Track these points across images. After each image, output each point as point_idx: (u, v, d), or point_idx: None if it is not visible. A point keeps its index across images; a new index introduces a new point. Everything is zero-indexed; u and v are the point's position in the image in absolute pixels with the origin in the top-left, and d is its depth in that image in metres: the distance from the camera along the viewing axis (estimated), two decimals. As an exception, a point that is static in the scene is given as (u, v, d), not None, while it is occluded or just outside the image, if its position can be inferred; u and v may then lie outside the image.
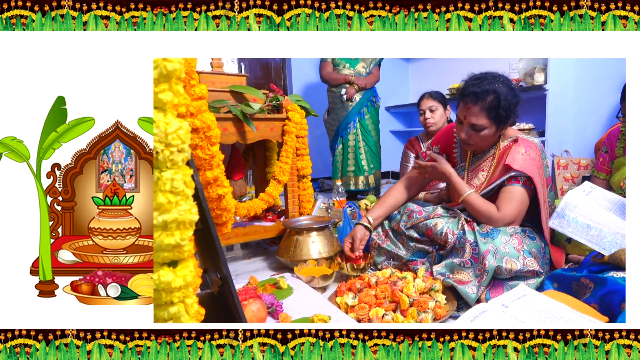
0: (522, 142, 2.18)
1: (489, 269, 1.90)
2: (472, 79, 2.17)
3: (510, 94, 2.09)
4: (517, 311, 1.63)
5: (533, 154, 2.14)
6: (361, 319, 1.77)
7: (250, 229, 2.64)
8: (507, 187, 2.13)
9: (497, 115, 2.09)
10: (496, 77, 2.14)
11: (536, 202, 2.15)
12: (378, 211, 2.44)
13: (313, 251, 2.40)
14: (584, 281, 1.78)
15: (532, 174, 2.08)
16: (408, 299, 1.81)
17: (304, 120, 2.75)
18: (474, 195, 2.16)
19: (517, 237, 2.02)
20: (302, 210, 2.86)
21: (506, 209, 2.09)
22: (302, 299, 1.99)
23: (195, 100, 1.96)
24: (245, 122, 2.43)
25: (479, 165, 2.31)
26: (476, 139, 2.17)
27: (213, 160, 2.05)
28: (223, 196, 2.12)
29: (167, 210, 0.97)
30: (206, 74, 2.54)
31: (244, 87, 2.59)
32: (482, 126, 2.12)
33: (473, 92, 2.10)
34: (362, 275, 2.11)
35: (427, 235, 2.18)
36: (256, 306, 1.69)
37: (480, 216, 2.12)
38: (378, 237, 2.39)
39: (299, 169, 2.80)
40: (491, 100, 2.07)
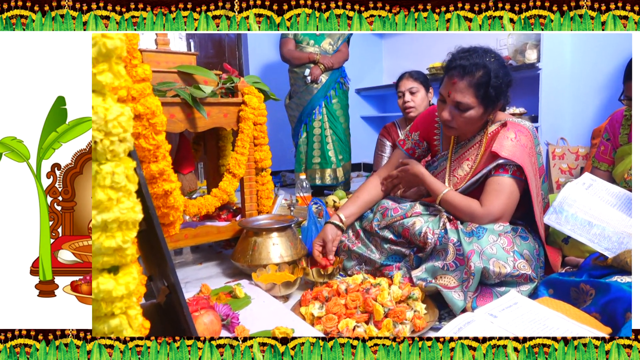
0: (511, 127, 2.17)
1: (474, 271, 1.88)
2: (460, 52, 2.16)
3: (502, 72, 2.09)
4: (507, 322, 1.61)
5: (524, 139, 2.13)
6: (329, 332, 1.75)
7: (201, 230, 2.63)
8: (493, 178, 2.13)
9: (485, 93, 2.08)
10: (487, 51, 2.14)
11: (528, 195, 2.14)
12: (351, 208, 2.43)
13: (274, 255, 2.40)
14: (584, 287, 1.76)
15: (523, 162, 2.07)
16: (383, 309, 1.79)
17: (262, 105, 2.74)
18: (451, 194, 2.17)
19: (507, 236, 2.01)
20: (260, 208, 2.86)
21: (492, 204, 2.08)
22: (262, 309, 1.99)
23: (138, 82, 1.94)
24: (195, 108, 2.41)
25: (463, 153, 2.31)
26: (460, 120, 2.15)
27: (158, 151, 2.03)
28: (170, 192, 2.10)
29: (107, 208, 0.96)
30: (150, 53, 2.52)
31: (193, 67, 2.57)
32: (467, 105, 2.10)
33: (461, 65, 2.09)
34: (330, 281, 2.10)
35: (403, 236, 2.18)
36: (209, 318, 1.69)
37: (461, 215, 2.13)
38: (348, 239, 2.39)
39: (257, 161, 2.80)
40: (480, 76, 2.07)
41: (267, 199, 2.88)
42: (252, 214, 2.80)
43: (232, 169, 2.66)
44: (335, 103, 4.72)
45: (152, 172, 2.04)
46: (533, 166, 2.14)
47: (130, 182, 1.00)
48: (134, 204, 1.00)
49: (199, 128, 2.50)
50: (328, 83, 4.66)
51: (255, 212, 2.82)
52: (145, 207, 1.09)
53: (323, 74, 4.63)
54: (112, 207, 0.97)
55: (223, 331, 1.79)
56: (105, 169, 0.96)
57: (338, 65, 4.68)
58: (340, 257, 2.37)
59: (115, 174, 0.97)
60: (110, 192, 0.96)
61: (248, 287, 2.21)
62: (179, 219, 2.22)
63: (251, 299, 2.08)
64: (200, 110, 2.41)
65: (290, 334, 1.68)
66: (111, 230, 0.98)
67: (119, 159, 0.98)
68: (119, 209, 0.97)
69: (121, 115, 0.97)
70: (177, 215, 2.18)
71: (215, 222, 2.82)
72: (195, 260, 2.81)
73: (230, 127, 2.68)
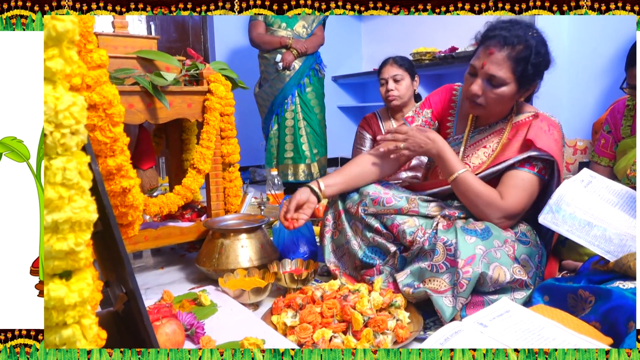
0: (543, 119, 2.17)
1: (471, 277, 1.85)
2: (500, 22, 2.12)
3: (543, 50, 2.10)
4: (498, 332, 1.59)
5: (557, 134, 2.13)
6: (303, 343, 1.74)
7: (163, 231, 2.62)
8: (515, 172, 2.11)
9: (524, 70, 2.06)
10: (530, 26, 2.12)
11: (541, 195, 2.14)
12: (335, 178, 2.31)
13: (242, 258, 2.40)
14: (583, 293, 1.75)
15: (558, 157, 2.06)
16: (362, 318, 1.77)
17: (229, 94, 2.74)
18: (470, 175, 2.11)
19: (512, 245, 2.01)
20: (228, 207, 2.86)
21: (512, 198, 2.06)
22: (229, 318, 1.99)
23: (93, 69, 1.94)
24: (156, 97, 2.41)
25: (480, 140, 2.28)
26: (490, 97, 2.10)
27: (116, 144, 2.03)
28: (129, 190, 2.10)
29: (58, 207, 0.96)
30: (107, 36, 2.51)
31: (154, 52, 2.57)
32: (502, 80, 2.06)
33: (501, 35, 2.05)
34: (305, 287, 2.09)
35: (390, 231, 2.16)
36: (171, 328, 1.69)
37: (476, 200, 2.09)
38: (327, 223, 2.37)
39: (224, 156, 2.80)
40: (521, 50, 2.04)
41: (235, 197, 2.88)
42: (218, 214, 2.80)
43: (196, 164, 2.66)
44: (309, 92, 4.73)
45: (108, 168, 2.04)
46: (561, 164, 2.12)
47: (84, 179, 0.99)
48: (88, 203, 1.00)
49: (160, 119, 2.49)
50: (302, 70, 4.66)
51: (222, 212, 2.82)
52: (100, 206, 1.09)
53: (296, 59, 4.63)
54: (64, 206, 0.97)
55: (187, 342, 1.79)
56: (55, 164, 0.96)
57: (313, 50, 4.69)
58: (316, 262, 2.37)
59: (67, 169, 0.96)
60: (61, 190, 0.96)
61: (214, 293, 2.21)
62: (139, 219, 2.22)
63: (217, 307, 2.08)
64: (162, 100, 2.41)
65: (261, 345, 1.68)
66: (63, 231, 0.97)
67: (71, 153, 0.98)
68: (71, 208, 0.97)
69: (73, 105, 0.97)
70: (136, 215, 2.18)
71: (178, 222, 2.82)
72: (156, 264, 2.80)
73: (195, 119, 2.68)
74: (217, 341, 1.76)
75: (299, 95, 4.69)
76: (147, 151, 2.98)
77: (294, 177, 4.75)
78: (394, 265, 2.14)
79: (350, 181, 2.29)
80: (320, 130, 4.82)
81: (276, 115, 4.75)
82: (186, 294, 2.23)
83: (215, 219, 2.68)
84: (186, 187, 2.63)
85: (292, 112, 4.70)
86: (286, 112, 4.70)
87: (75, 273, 1.03)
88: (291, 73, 4.63)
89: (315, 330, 1.78)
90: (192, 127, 3.14)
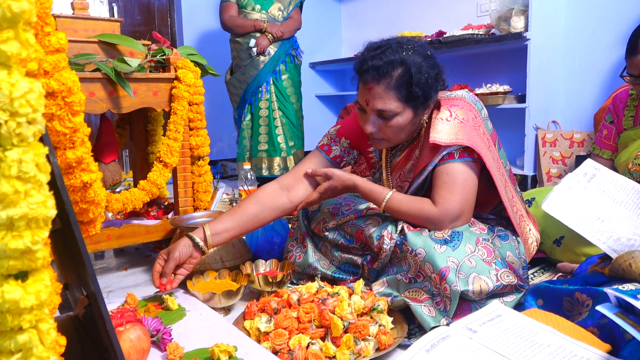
0: (444, 105, 2.13)
1: (451, 296, 1.83)
2: (369, 50, 2.10)
3: (425, 64, 2.04)
4: (488, 337, 1.59)
5: (462, 113, 2.10)
6: (279, 350, 1.73)
7: (126, 230, 2.61)
8: (439, 168, 2.08)
9: (409, 94, 2.03)
10: (402, 43, 2.08)
11: (489, 180, 2.12)
12: (226, 222, 2.21)
13: (212, 259, 2.41)
14: (579, 297, 1.74)
15: (471, 141, 2.03)
16: (342, 323, 1.76)
17: (199, 81, 2.74)
18: (396, 198, 2.11)
19: (486, 245, 1.96)
20: (197, 204, 2.86)
21: (446, 199, 2.03)
22: (198, 323, 1.99)
23: (51, 53, 1.93)
24: (119, 84, 2.40)
25: (402, 159, 2.28)
26: (388, 131, 2.09)
27: (76, 135, 2.02)
28: (90, 184, 2.09)
29: (13, 202, 0.96)
30: (66, 19, 2.50)
31: (117, 36, 2.56)
32: (392, 112, 2.04)
33: (373, 66, 2.03)
34: (280, 291, 2.07)
35: (356, 239, 2.17)
36: (135, 334, 1.68)
37: (415, 221, 2.08)
38: (295, 247, 2.38)
39: (192, 148, 2.79)
40: (399, 75, 2.01)
41: (205, 193, 2.88)
42: (186, 211, 2.80)
43: (163, 157, 2.65)
44: (285, 79, 4.73)
45: (68, 161, 2.03)
46: (483, 140, 2.10)
47: (41, 172, 0.99)
48: (46, 198, 0.99)
49: (123, 108, 2.48)
50: (277, 56, 4.66)
51: (191, 209, 2.82)
52: (59, 202, 1.09)
53: (271, 44, 4.63)
54: (20, 201, 0.96)
55: (153, 349, 1.78)
56: (11, 156, 0.95)
57: (289, 34, 4.69)
58: (292, 263, 2.36)
59: (23, 162, 0.96)
60: (16, 184, 0.96)
61: (182, 297, 2.21)
62: (100, 217, 2.21)
63: (186, 312, 2.08)
64: (125, 88, 2.40)
65: (233, 353, 1.68)
66: (18, 228, 0.97)
67: (27, 144, 0.97)
68: (28, 204, 0.97)
69: (30, 92, 0.97)
70: (97, 212, 2.17)
71: (143, 220, 2.81)
72: (120, 265, 2.80)
73: (161, 108, 2.67)
74: (186, 348, 1.75)
75: (274, 83, 4.69)
76: (109, 143, 2.97)
77: (268, 171, 4.75)
78: (366, 277, 2.16)
79: (244, 224, 2.22)
80: (296, 121, 4.82)
81: (249, 104, 4.75)
82: (152, 297, 2.21)
83: (183, 216, 2.68)
84: (152, 182, 2.62)
85: (267, 101, 4.70)
86: (260, 102, 4.69)
87: (32, 274, 1.02)
88: (266, 59, 4.63)
89: (291, 336, 1.77)
90: (158, 117, 3.13)
